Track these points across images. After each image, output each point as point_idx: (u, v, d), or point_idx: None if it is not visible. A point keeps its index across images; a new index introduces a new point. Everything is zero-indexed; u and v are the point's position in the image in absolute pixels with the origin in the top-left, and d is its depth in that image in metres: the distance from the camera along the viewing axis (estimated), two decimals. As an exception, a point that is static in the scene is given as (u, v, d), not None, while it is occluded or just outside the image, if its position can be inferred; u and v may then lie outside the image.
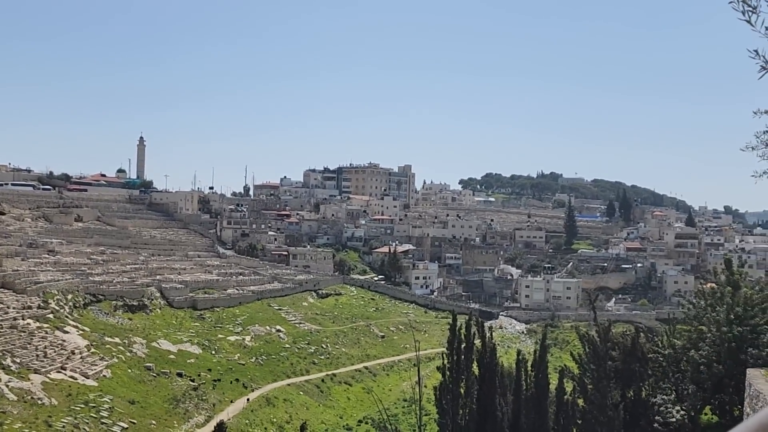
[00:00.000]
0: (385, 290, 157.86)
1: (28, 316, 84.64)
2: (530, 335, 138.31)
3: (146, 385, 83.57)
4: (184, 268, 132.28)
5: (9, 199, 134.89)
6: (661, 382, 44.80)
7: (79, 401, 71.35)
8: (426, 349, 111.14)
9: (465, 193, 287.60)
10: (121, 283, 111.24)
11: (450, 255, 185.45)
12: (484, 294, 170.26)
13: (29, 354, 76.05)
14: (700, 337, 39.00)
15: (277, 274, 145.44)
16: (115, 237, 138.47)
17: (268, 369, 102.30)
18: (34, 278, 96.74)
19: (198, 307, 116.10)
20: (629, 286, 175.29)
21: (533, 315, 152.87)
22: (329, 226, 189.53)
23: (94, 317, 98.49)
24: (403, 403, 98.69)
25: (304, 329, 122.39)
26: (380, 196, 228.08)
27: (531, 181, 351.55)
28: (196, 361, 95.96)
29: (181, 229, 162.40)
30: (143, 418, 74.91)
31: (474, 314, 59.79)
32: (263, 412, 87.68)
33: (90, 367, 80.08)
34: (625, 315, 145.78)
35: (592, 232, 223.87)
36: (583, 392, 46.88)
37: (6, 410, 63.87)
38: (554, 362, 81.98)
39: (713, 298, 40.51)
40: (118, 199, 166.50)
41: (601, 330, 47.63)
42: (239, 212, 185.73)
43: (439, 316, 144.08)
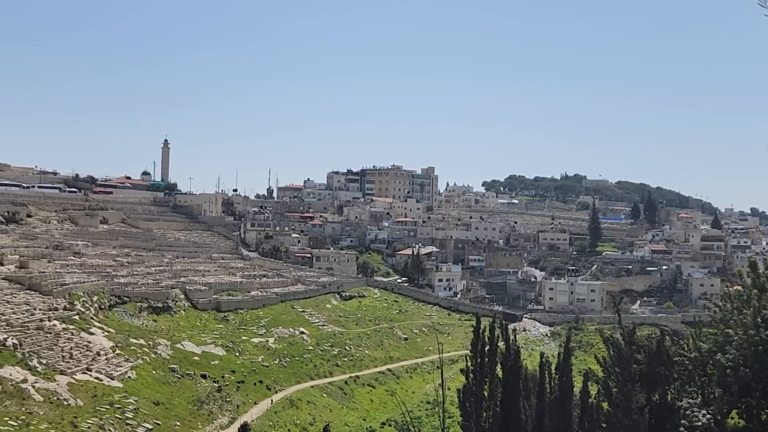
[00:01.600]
0: (409, 292, 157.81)
1: (54, 317, 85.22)
2: (554, 338, 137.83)
3: (171, 387, 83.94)
4: (208, 270, 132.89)
5: (36, 201, 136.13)
6: (687, 385, 44.38)
7: (104, 402, 71.78)
8: (449, 352, 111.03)
9: (488, 195, 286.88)
10: (146, 284, 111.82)
11: (473, 257, 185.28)
12: (507, 296, 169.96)
13: (55, 355, 76.59)
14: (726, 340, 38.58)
15: (300, 277, 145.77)
16: (139, 239, 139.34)
17: (291, 371, 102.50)
18: (60, 280, 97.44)
19: (222, 309, 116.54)
20: (654, 288, 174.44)
21: (557, 317, 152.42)
22: (352, 228, 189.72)
23: (119, 319, 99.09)
24: (427, 406, 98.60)
25: (328, 331, 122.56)
26: (403, 198, 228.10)
27: (555, 183, 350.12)
28: (220, 362, 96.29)
29: (205, 231, 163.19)
30: (168, 419, 75.26)
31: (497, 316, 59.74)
32: (287, 413, 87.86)
33: (115, 368, 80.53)
34: (650, 318, 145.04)
35: (616, 235, 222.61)
36: (608, 395, 46.54)
37: (32, 411, 64.37)
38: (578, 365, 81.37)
39: (739, 300, 40.05)
40: (143, 201, 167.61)
41: (625, 333, 47.27)
42: (263, 214, 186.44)
43: (462, 319, 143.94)
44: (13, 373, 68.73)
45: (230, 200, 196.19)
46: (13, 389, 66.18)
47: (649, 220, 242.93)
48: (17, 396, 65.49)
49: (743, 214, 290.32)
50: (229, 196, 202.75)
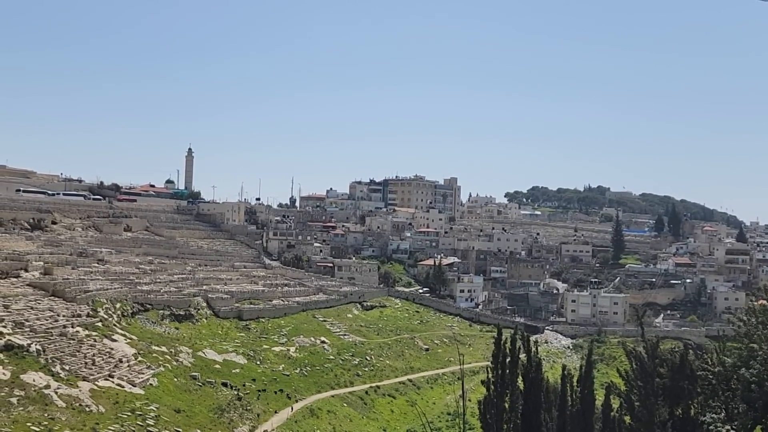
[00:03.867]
0: (430, 303, 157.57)
1: (78, 324, 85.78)
2: (576, 350, 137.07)
3: (192, 395, 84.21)
4: (230, 279, 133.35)
5: (60, 208, 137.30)
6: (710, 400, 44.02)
7: (125, 409, 72.11)
8: (470, 363, 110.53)
9: (511, 206, 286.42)
10: (169, 292, 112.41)
11: (495, 268, 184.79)
12: (529, 308, 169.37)
13: (78, 361, 77.07)
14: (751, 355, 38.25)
15: (322, 286, 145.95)
16: (162, 247, 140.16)
17: (312, 380, 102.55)
18: (83, 287, 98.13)
19: (243, 318, 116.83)
20: (678, 302, 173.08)
21: (579, 330, 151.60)
22: (374, 238, 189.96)
23: (142, 326, 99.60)
24: (447, 417, 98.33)
25: (349, 341, 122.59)
26: (426, 209, 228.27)
27: (578, 194, 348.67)
28: (241, 371, 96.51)
29: (228, 239, 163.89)
30: (189, 427, 75.49)
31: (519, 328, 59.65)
32: (307, 423, 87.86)
33: (137, 375, 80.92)
34: (673, 331, 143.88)
35: (640, 247, 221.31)
36: (630, 409, 46.30)
37: (55, 417, 64.78)
38: (600, 378, 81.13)
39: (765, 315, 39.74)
40: (167, 209, 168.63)
41: (648, 346, 47.06)
42: (285, 223, 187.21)
43: (484, 330, 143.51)
44: (36, 378, 69.25)
45: (253, 209, 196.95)
46: (36, 395, 66.66)
47: (673, 232, 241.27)
48: (40, 402, 65.95)
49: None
50: (252, 205, 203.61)
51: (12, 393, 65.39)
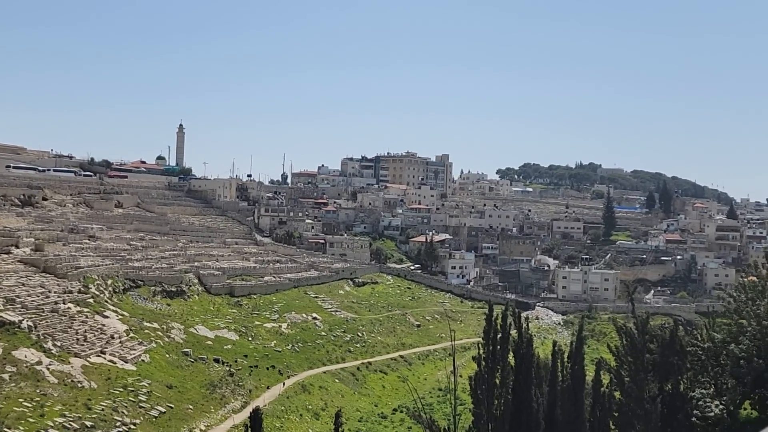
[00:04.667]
0: (421, 279, 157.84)
1: (69, 300, 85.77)
2: (567, 327, 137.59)
3: (184, 371, 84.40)
4: (222, 255, 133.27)
5: (51, 185, 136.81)
6: (699, 375, 44.38)
7: (117, 385, 72.24)
8: (461, 339, 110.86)
9: (502, 183, 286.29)
10: (160, 269, 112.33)
11: (487, 245, 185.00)
12: (520, 284, 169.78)
13: (70, 338, 77.09)
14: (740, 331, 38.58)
15: (313, 262, 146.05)
16: (154, 223, 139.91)
17: (304, 356, 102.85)
18: (74, 263, 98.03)
19: (235, 294, 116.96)
20: (668, 278, 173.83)
21: (570, 306, 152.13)
22: (366, 214, 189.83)
23: (133, 302, 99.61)
24: (438, 393, 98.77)
25: (340, 317, 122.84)
26: (417, 185, 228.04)
27: (569, 171, 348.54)
28: (233, 347, 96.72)
29: (219, 216, 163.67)
30: (180, 402, 75.70)
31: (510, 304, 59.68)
32: (299, 398, 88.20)
33: (129, 351, 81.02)
34: (663, 308, 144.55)
35: (631, 224, 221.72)
36: (620, 385, 46.59)
37: (47, 393, 64.86)
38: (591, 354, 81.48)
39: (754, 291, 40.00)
40: (158, 185, 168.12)
41: (639, 322, 47.26)
42: (277, 200, 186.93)
43: (475, 306, 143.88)
44: (27, 355, 69.30)
45: (244, 185, 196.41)
46: (28, 371, 66.71)
47: (664, 209, 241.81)
48: (32, 378, 66.02)
49: (759, 205, 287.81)
50: (244, 181, 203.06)
51: (4, 369, 65.42)
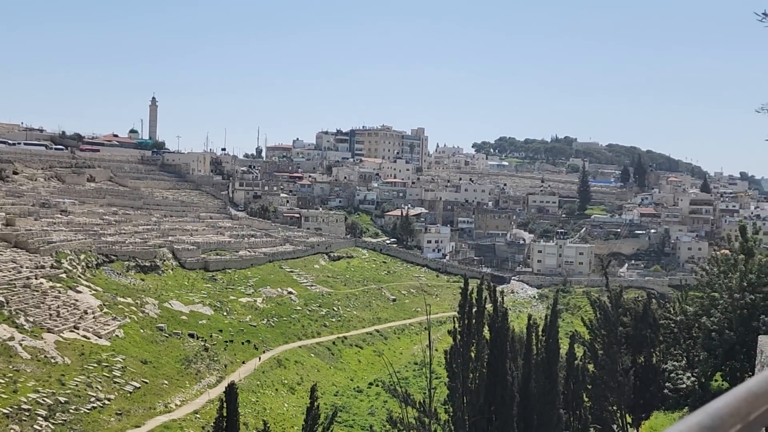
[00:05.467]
0: (397, 253, 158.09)
1: (41, 275, 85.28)
2: (541, 300, 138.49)
3: (158, 346, 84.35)
4: (196, 230, 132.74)
5: (22, 158, 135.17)
6: (672, 348, 44.89)
7: (91, 360, 72.11)
8: (437, 313, 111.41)
9: (478, 157, 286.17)
10: (134, 243, 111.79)
11: (462, 219, 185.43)
12: (496, 258, 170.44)
13: (42, 313, 76.75)
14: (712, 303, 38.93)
15: (288, 237, 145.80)
16: (127, 198, 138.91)
17: (279, 331, 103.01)
18: (46, 238, 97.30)
19: (210, 269, 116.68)
20: (642, 252, 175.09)
21: (545, 280, 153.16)
22: (341, 188, 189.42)
23: (107, 277, 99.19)
24: (414, 367, 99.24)
25: (316, 292, 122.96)
26: (393, 159, 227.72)
27: (545, 145, 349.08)
28: (208, 322, 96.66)
29: (194, 190, 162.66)
30: (155, 377, 75.70)
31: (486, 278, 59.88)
32: (274, 373, 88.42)
33: (102, 326, 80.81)
34: (637, 281, 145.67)
35: (605, 198, 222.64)
36: (594, 358, 47.03)
37: (20, 368, 64.63)
38: (565, 327, 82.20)
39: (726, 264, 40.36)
40: (131, 159, 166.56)
41: (612, 296, 47.65)
42: (251, 174, 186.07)
43: (451, 280, 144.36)
44: (0, 331, 68.89)
45: (218, 159, 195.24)
46: (0, 347, 66.36)
47: (638, 183, 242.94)
48: (4, 354, 65.72)
49: (732, 178, 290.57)
50: (218, 155, 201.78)
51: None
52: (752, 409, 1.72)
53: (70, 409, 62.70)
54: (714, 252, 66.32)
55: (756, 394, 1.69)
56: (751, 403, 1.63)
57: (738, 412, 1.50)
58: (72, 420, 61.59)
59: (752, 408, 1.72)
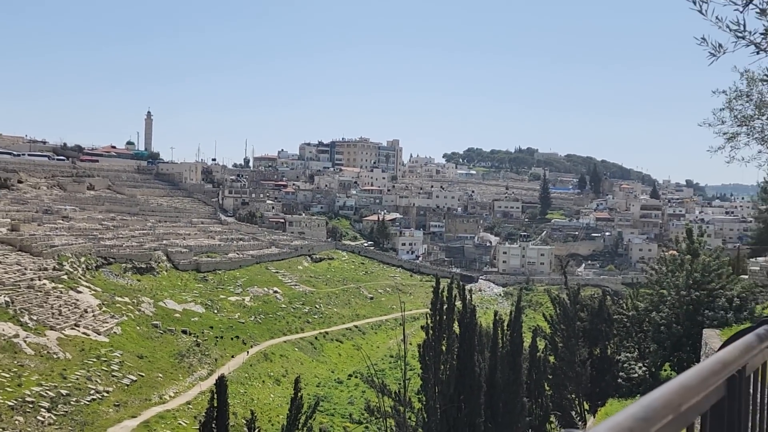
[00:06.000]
0: (374, 255, 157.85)
1: (44, 277, 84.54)
2: (506, 297, 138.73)
3: (153, 341, 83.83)
4: (189, 234, 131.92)
5: (26, 168, 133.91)
6: (625, 341, 45.15)
7: (91, 356, 71.57)
8: (411, 310, 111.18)
9: (448, 167, 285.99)
10: (130, 247, 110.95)
11: (434, 223, 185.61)
12: (464, 259, 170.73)
13: (45, 312, 76.10)
14: (661, 300, 39.19)
15: (274, 240, 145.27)
16: (124, 204, 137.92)
17: (265, 327, 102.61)
18: (49, 242, 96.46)
19: (201, 270, 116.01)
20: (598, 253, 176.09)
21: (510, 279, 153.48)
22: (323, 195, 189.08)
23: (105, 278, 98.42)
24: (390, 359, 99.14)
25: (299, 291, 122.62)
26: (370, 168, 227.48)
27: (509, 155, 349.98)
28: (200, 319, 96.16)
29: (186, 197, 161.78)
30: (151, 371, 75.22)
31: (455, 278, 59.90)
32: (261, 366, 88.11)
33: (101, 324, 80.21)
34: (593, 279, 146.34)
35: (564, 203, 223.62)
36: (554, 350, 47.29)
37: (24, 364, 64.06)
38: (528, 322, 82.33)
39: (674, 264, 40.62)
40: (127, 169, 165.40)
41: (571, 293, 47.92)
42: (240, 182, 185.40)
43: (423, 280, 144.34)
44: (5, 328, 68.29)
45: (209, 169, 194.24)
46: (6, 343, 65.79)
47: (594, 190, 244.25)
48: (9, 350, 65.13)
49: (679, 186, 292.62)
50: (209, 165, 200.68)
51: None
52: (683, 401, 1.76)
53: (71, 401, 62.23)
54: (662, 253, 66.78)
55: (687, 387, 1.81)
56: (683, 396, 1.76)
57: (670, 404, 1.66)
58: (73, 411, 61.13)
59: (683, 400, 1.76)
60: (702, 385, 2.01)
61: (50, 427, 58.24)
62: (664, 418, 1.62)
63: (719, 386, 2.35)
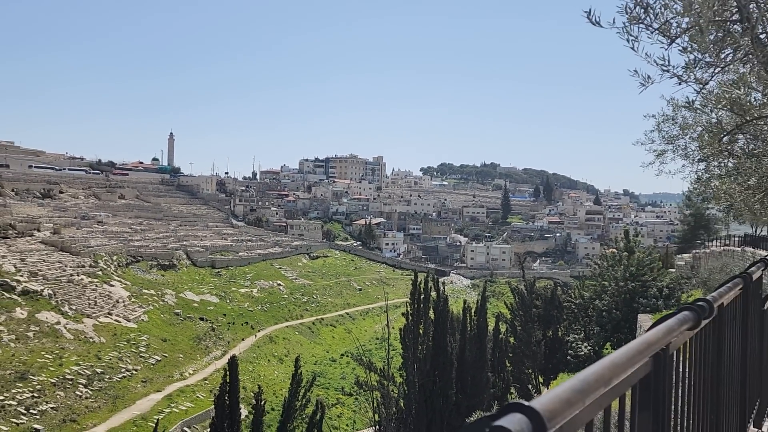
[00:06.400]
0: (362, 253, 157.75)
1: (82, 272, 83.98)
2: (474, 289, 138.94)
3: (175, 327, 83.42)
4: (205, 236, 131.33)
5: (66, 181, 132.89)
6: (573, 324, 45.41)
7: (122, 339, 71.17)
8: (393, 299, 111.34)
9: (424, 178, 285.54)
10: (155, 247, 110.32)
11: (413, 226, 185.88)
12: (438, 257, 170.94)
13: (83, 302, 75.59)
14: (603, 290, 39.50)
15: (277, 241, 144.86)
16: (150, 211, 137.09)
17: (270, 314, 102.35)
18: (86, 243, 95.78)
19: (216, 266, 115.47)
20: (550, 250, 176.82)
21: (476, 273, 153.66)
22: (319, 203, 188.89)
23: (134, 274, 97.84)
24: (376, 341, 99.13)
25: (299, 284, 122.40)
26: (359, 180, 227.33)
27: (476, 169, 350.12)
28: (215, 308, 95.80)
29: (203, 205, 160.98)
30: (173, 352, 74.85)
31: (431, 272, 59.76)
32: (267, 347, 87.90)
33: (131, 312, 79.74)
34: (546, 273, 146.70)
35: (522, 209, 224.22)
36: (514, 332, 47.43)
37: (64, 347, 63.66)
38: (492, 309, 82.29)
39: (613, 260, 40.94)
40: (153, 181, 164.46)
41: (527, 285, 48.14)
42: (248, 192, 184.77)
43: (404, 274, 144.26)
44: (48, 317, 67.85)
45: (222, 181, 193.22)
46: (49, 330, 65.36)
47: (546, 198, 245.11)
48: (52, 335, 64.69)
49: (617, 194, 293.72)
50: (222, 177, 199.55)
51: (29, 329, 64.03)
52: (614, 376, 1.81)
53: (105, 378, 61.94)
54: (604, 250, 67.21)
55: (617, 364, 1.85)
56: (613, 371, 1.81)
57: (602, 378, 1.71)
58: (106, 387, 60.81)
59: (614, 374, 1.81)
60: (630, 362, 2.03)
61: (87, 401, 57.88)
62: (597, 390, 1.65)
63: (646, 363, 2.39)
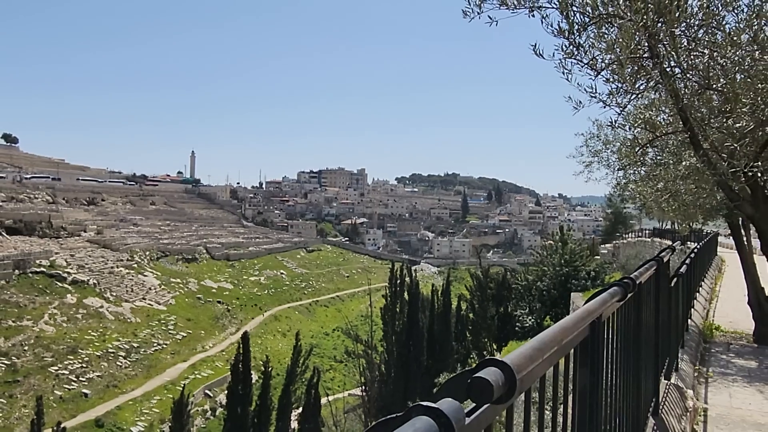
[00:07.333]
0: (349, 247, 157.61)
1: (121, 265, 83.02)
2: (440, 275, 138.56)
3: (197, 309, 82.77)
4: (221, 234, 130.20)
5: (107, 190, 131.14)
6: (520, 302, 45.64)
7: (154, 319, 70.53)
8: (375, 284, 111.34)
9: (399, 186, 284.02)
10: (180, 244, 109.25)
11: (390, 225, 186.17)
12: (410, 249, 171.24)
13: (121, 290, 74.77)
14: (543, 274, 39.78)
15: (280, 238, 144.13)
16: (176, 215, 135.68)
17: (275, 297, 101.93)
18: (123, 241, 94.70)
19: (230, 259, 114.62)
20: (501, 243, 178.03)
21: (442, 262, 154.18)
22: (313, 207, 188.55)
23: (163, 266, 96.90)
24: (361, 318, 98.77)
25: (298, 272, 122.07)
26: (345, 188, 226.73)
27: (440, 178, 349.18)
28: (230, 293, 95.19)
29: (219, 209, 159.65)
30: (196, 329, 74.31)
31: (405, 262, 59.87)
32: (272, 325, 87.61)
33: (161, 297, 79.02)
34: (498, 261, 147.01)
35: (478, 210, 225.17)
36: (472, 310, 47.61)
37: (107, 326, 63.05)
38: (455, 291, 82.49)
39: (551, 250, 41.27)
40: (178, 190, 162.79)
41: (483, 271, 48.38)
42: (256, 198, 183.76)
43: (383, 264, 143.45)
44: (93, 302, 67.08)
45: (235, 190, 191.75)
46: (94, 312, 64.64)
47: (497, 201, 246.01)
48: (96, 317, 64.00)
49: (554, 197, 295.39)
50: (234, 187, 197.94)
51: (77, 312, 63.31)
52: (563, 337, 1.88)
53: (141, 351, 61.47)
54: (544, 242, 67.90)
55: (566, 328, 1.93)
56: (563, 334, 1.88)
57: (555, 338, 1.77)
58: (142, 358, 60.33)
59: (563, 336, 1.88)
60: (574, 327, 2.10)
61: (126, 370, 57.34)
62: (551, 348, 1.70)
63: (585, 328, 2.47)
